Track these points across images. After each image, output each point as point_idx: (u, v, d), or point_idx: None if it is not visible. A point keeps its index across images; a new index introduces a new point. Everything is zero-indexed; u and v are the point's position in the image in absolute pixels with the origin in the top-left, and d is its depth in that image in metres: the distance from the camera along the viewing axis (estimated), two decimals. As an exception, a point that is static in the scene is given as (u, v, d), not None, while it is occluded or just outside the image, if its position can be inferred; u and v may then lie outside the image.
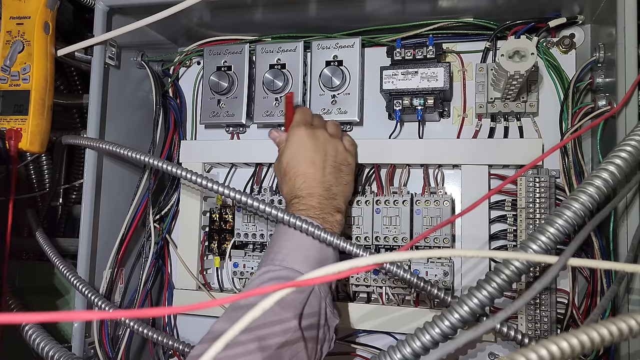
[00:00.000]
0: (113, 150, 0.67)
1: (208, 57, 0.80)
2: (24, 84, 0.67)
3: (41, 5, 0.68)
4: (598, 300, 0.61)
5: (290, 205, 0.62)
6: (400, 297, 0.71)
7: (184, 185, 0.81)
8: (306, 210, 0.60)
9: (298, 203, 0.61)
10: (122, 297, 0.78)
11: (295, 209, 0.61)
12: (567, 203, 0.42)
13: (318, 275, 0.32)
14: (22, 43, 0.67)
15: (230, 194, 0.60)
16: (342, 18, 0.75)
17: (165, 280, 0.84)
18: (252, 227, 0.76)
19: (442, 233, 0.68)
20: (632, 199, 0.56)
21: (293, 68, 0.76)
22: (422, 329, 0.41)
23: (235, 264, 0.76)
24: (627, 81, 0.56)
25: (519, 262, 0.41)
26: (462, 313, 0.41)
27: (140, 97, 0.83)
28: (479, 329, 0.32)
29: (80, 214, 0.71)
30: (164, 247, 0.83)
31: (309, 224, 0.56)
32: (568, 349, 0.30)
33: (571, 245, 0.38)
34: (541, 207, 0.64)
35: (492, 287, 0.42)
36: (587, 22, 0.70)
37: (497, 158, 0.67)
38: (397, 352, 0.40)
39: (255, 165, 0.80)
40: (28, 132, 0.67)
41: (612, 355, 0.59)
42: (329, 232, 0.56)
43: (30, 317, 0.25)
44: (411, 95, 0.69)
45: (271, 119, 0.76)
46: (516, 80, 0.60)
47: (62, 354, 0.60)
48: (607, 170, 0.42)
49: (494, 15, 0.71)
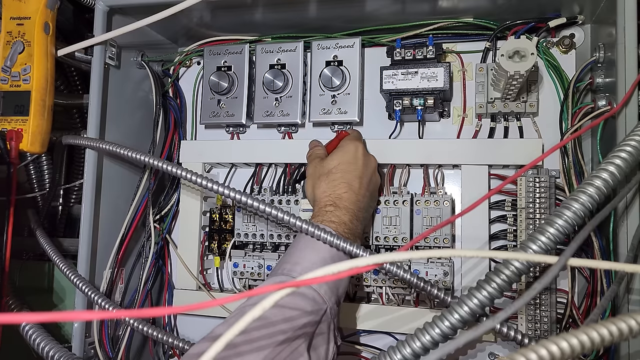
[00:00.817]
0: (113, 150, 0.67)
1: (208, 57, 0.80)
2: (24, 84, 0.67)
3: (41, 6, 0.68)
4: (598, 300, 0.61)
5: (323, 210, 0.60)
6: (400, 297, 0.71)
7: (184, 186, 0.81)
8: (336, 224, 0.58)
9: (332, 213, 0.59)
10: (122, 297, 0.78)
11: (327, 219, 0.59)
12: (567, 203, 0.42)
13: (318, 275, 0.32)
14: (22, 44, 0.67)
15: (235, 196, 0.59)
16: (342, 18, 0.75)
17: (165, 280, 0.84)
18: (252, 227, 0.76)
19: (442, 233, 0.68)
20: (632, 199, 0.56)
21: (293, 68, 0.76)
22: (422, 329, 0.41)
23: (235, 264, 0.76)
24: (627, 81, 0.56)
25: (518, 263, 0.41)
26: (462, 313, 0.41)
27: (140, 97, 0.83)
28: (478, 329, 0.32)
29: (80, 214, 0.71)
30: (164, 247, 0.83)
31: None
32: (568, 349, 0.30)
33: (571, 245, 0.38)
34: (541, 207, 0.64)
35: (492, 287, 0.42)
36: (587, 22, 0.70)
37: (497, 158, 0.67)
38: (397, 353, 0.40)
39: (255, 166, 0.80)
40: (29, 132, 0.67)
41: (612, 355, 0.59)
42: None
43: (30, 317, 0.25)
44: (411, 95, 0.69)
45: (271, 119, 0.76)
46: (516, 80, 0.60)
47: (62, 354, 0.60)
48: (607, 170, 0.42)
49: (494, 15, 0.71)
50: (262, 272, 0.75)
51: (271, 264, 0.75)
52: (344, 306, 0.70)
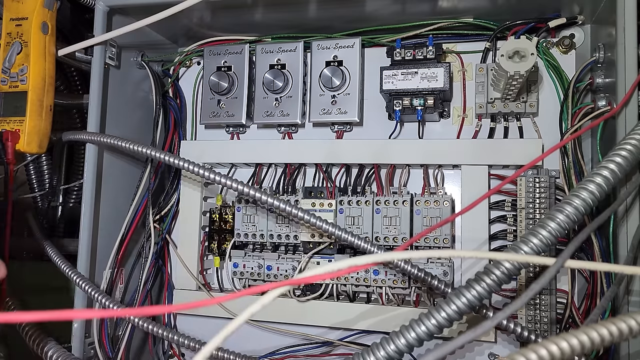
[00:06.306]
0: (113, 143, 0.67)
1: (208, 57, 0.80)
2: (22, 85, 0.67)
3: (38, 6, 0.68)
4: (598, 300, 0.61)
5: None
6: (400, 297, 0.71)
7: (184, 186, 0.81)
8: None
9: None
10: (122, 297, 0.78)
11: None
12: (564, 203, 0.42)
13: (317, 273, 0.32)
14: (20, 44, 0.67)
15: (238, 187, 0.60)
16: (342, 18, 0.75)
17: (165, 280, 0.84)
18: (252, 227, 0.76)
19: (441, 233, 0.68)
20: (633, 200, 0.55)
21: (293, 68, 0.76)
22: (407, 326, 0.42)
23: (235, 264, 0.76)
24: (627, 81, 0.56)
25: (509, 264, 0.41)
26: (449, 312, 0.41)
27: (140, 97, 0.83)
28: (476, 331, 0.32)
29: (80, 214, 0.71)
30: (164, 247, 0.83)
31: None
32: (568, 349, 0.30)
33: (569, 247, 0.38)
34: (541, 207, 0.64)
35: (481, 287, 0.42)
36: (587, 22, 0.70)
37: (497, 158, 0.67)
38: (380, 350, 0.40)
39: (255, 166, 0.80)
40: (25, 133, 0.67)
41: (612, 355, 0.59)
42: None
43: (30, 317, 0.25)
44: (411, 96, 0.69)
45: (271, 119, 0.76)
46: (516, 81, 0.60)
47: (62, 354, 0.60)
48: (601, 175, 0.42)
49: (493, 16, 0.71)
50: (262, 272, 0.75)
51: (271, 264, 0.75)
52: (344, 306, 0.70)
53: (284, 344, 0.77)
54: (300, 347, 0.76)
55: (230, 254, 0.78)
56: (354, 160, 0.73)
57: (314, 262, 0.74)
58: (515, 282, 0.66)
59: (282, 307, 0.74)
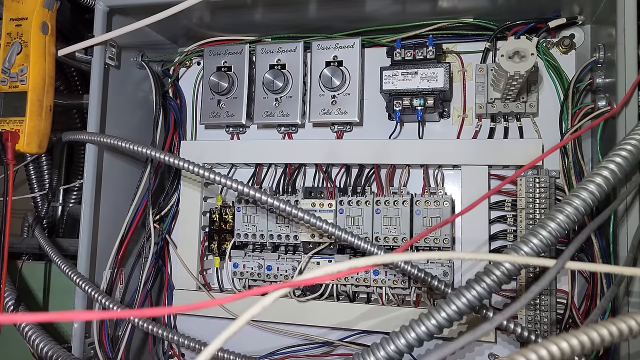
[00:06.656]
0: (113, 143, 0.67)
1: (208, 57, 0.80)
2: (21, 85, 0.67)
3: (38, 6, 0.68)
4: (598, 301, 0.61)
5: None
6: (400, 298, 0.71)
7: (184, 186, 0.81)
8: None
9: None
10: (122, 297, 0.78)
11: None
12: (561, 206, 0.42)
13: (317, 275, 0.32)
14: (20, 44, 0.67)
15: (238, 187, 0.60)
16: (342, 18, 0.75)
17: (165, 280, 0.84)
18: (251, 227, 0.76)
19: (441, 233, 0.68)
20: (633, 200, 0.55)
21: (293, 68, 0.76)
22: (407, 326, 0.42)
23: (235, 264, 0.76)
24: (627, 81, 0.56)
25: (509, 264, 0.41)
26: (449, 312, 0.41)
27: (140, 97, 0.83)
28: (476, 332, 0.32)
29: (80, 214, 0.71)
30: (163, 248, 0.83)
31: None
32: (568, 349, 0.30)
33: (569, 248, 0.38)
34: (541, 207, 0.64)
35: (481, 287, 0.42)
36: (587, 22, 0.69)
37: (497, 158, 0.67)
38: (380, 350, 0.40)
39: (255, 166, 0.80)
40: (25, 133, 0.67)
41: (612, 356, 0.59)
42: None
43: (29, 317, 0.25)
44: (411, 96, 0.69)
45: (271, 119, 0.76)
46: (516, 81, 0.60)
47: (62, 354, 0.60)
48: (601, 175, 0.42)
49: (493, 16, 0.71)
50: (262, 273, 0.75)
51: (271, 264, 0.75)
52: (344, 306, 0.70)
53: (284, 344, 0.77)
54: (300, 347, 0.76)
55: (230, 254, 0.78)
56: (354, 160, 0.73)
57: (314, 262, 0.74)
58: (516, 282, 0.66)
59: (282, 307, 0.74)
